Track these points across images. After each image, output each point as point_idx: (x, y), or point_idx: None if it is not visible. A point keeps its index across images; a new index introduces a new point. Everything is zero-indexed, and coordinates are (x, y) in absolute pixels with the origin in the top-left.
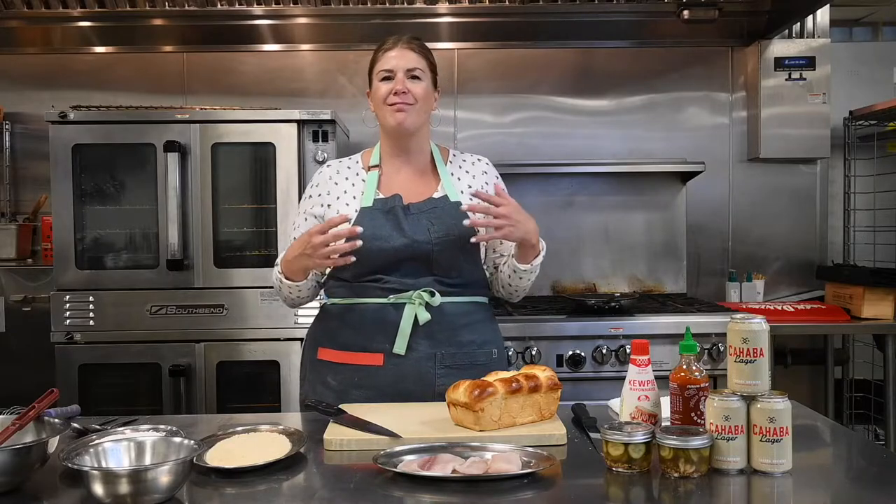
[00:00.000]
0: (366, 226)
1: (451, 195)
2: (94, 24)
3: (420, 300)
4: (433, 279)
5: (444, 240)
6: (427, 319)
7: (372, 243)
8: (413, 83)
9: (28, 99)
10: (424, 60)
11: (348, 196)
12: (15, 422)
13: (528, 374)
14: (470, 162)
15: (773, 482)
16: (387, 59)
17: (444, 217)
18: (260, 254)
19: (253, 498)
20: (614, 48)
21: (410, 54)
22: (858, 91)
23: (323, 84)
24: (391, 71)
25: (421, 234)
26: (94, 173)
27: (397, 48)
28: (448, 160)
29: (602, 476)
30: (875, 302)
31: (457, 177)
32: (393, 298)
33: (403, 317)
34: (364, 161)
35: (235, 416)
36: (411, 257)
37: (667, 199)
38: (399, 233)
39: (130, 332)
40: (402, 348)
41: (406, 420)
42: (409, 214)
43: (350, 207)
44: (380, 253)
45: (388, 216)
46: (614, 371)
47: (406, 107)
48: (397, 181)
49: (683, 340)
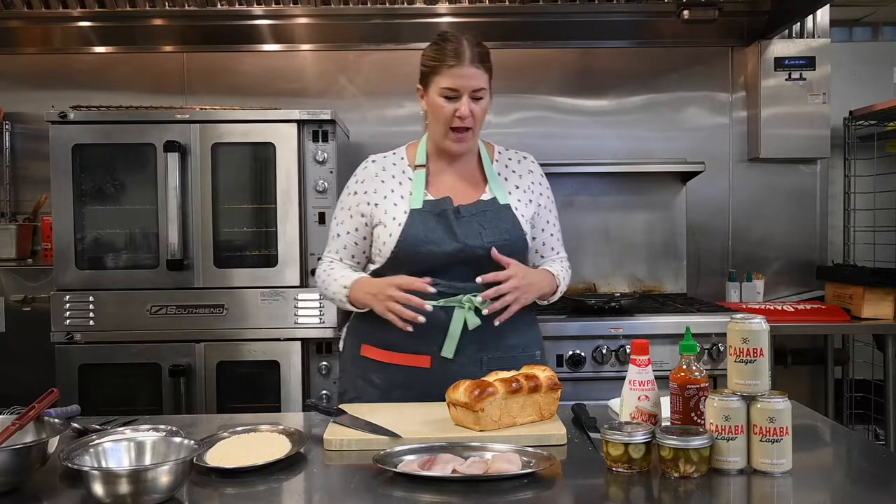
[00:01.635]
0: (416, 228)
1: (500, 198)
2: (94, 24)
3: (470, 304)
4: (483, 285)
5: (496, 244)
6: (477, 324)
7: (424, 247)
8: (476, 103)
9: (28, 99)
10: (487, 74)
11: (396, 196)
12: (15, 422)
13: (528, 374)
14: (516, 160)
15: (773, 482)
16: (451, 77)
17: (494, 221)
18: (260, 254)
19: (253, 498)
20: (614, 48)
21: (477, 73)
22: (858, 91)
23: (323, 84)
24: (456, 91)
25: (473, 238)
26: (94, 173)
27: (465, 66)
28: (494, 158)
29: (602, 476)
30: (875, 302)
31: (503, 177)
32: (443, 302)
33: (453, 321)
34: (410, 158)
35: (235, 416)
36: (462, 261)
37: (667, 199)
38: (451, 237)
39: (130, 332)
40: (451, 352)
41: (406, 420)
42: (461, 218)
43: (398, 208)
44: (431, 257)
45: (440, 219)
46: (614, 371)
47: (466, 135)
48: (445, 181)
49: (683, 340)
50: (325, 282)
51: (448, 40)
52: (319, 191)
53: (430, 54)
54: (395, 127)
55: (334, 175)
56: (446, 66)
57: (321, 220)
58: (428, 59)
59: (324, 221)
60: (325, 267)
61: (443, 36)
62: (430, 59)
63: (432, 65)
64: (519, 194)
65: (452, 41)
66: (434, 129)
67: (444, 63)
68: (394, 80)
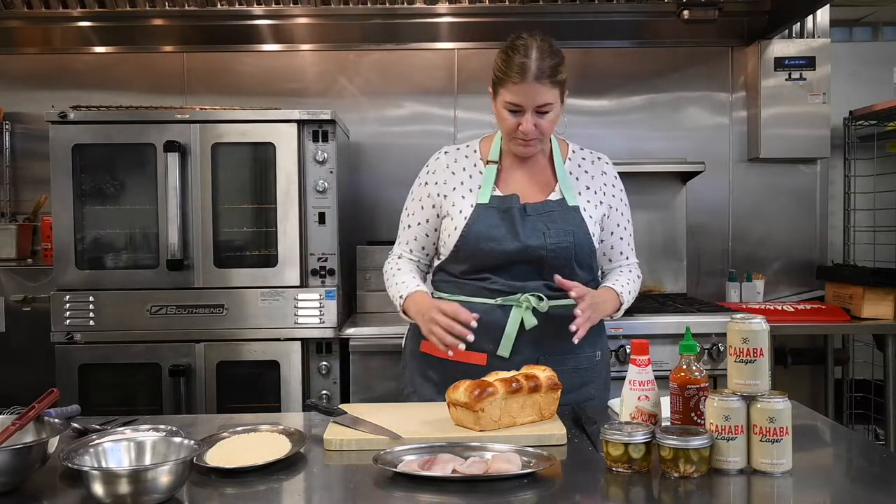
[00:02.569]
0: (480, 224)
1: (569, 198)
2: (94, 24)
3: (528, 304)
4: (542, 283)
5: (558, 246)
6: (533, 325)
7: (485, 244)
8: (541, 117)
9: (28, 99)
10: (556, 89)
11: (465, 188)
12: (15, 422)
13: (528, 374)
14: (589, 161)
15: (773, 482)
16: (514, 93)
17: (560, 222)
18: (260, 254)
19: (253, 498)
20: (614, 48)
21: (542, 89)
22: (858, 91)
23: (323, 84)
24: (519, 106)
25: (535, 238)
26: (94, 173)
27: (527, 83)
28: (567, 157)
29: (602, 476)
30: (875, 302)
31: (575, 176)
32: (500, 300)
33: (510, 320)
34: (483, 151)
35: (235, 416)
36: (523, 261)
37: (667, 199)
38: (513, 235)
39: (130, 332)
40: (507, 351)
41: (406, 420)
42: (526, 216)
43: (466, 202)
44: (491, 253)
45: (504, 216)
46: (614, 371)
47: (532, 142)
48: (515, 178)
49: (683, 340)
50: (388, 281)
51: (517, 50)
52: (319, 191)
53: (498, 63)
54: (396, 127)
55: (334, 175)
56: (511, 82)
57: (321, 220)
58: (496, 68)
59: (324, 221)
60: (392, 263)
61: (513, 44)
62: (498, 69)
63: (499, 76)
64: (589, 195)
65: (520, 52)
66: (501, 129)
67: (509, 79)
68: (394, 80)
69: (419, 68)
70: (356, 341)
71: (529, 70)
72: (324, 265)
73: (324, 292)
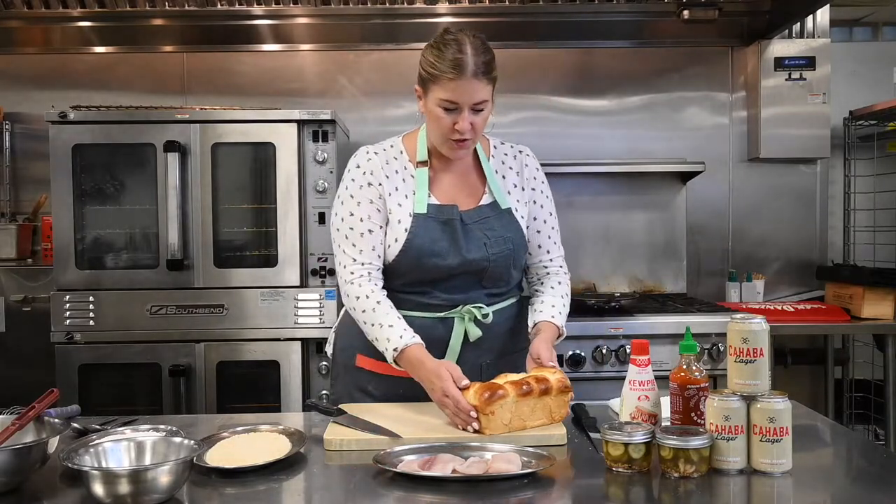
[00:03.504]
0: (421, 237)
1: (501, 202)
2: (94, 24)
3: (469, 315)
4: (483, 292)
5: (499, 256)
6: (477, 336)
7: (427, 259)
8: (476, 115)
9: (28, 99)
10: (490, 85)
11: (399, 194)
12: (15, 422)
13: (538, 377)
14: (511, 156)
15: (773, 482)
16: (451, 90)
17: (498, 228)
18: (260, 254)
19: (253, 498)
20: (614, 48)
21: (479, 86)
22: (858, 91)
23: (323, 84)
24: (455, 104)
25: (477, 250)
26: (94, 173)
27: (464, 79)
28: (490, 154)
29: (602, 476)
30: (875, 302)
31: (501, 174)
32: (442, 314)
33: (453, 334)
34: (409, 152)
35: (235, 416)
36: (465, 272)
37: (667, 199)
38: (456, 249)
39: (130, 332)
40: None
41: (406, 420)
42: (466, 226)
43: (403, 210)
44: (433, 269)
45: (445, 228)
46: (614, 371)
47: (465, 144)
48: (448, 182)
49: (683, 340)
50: (366, 315)
51: (448, 45)
52: (319, 191)
53: (429, 59)
54: (395, 127)
55: (334, 175)
56: (446, 79)
57: (321, 220)
58: (427, 64)
59: (324, 221)
60: (367, 289)
61: (444, 39)
62: (430, 65)
63: (431, 72)
64: (517, 193)
65: (453, 47)
66: (432, 134)
67: (444, 75)
68: (393, 80)
69: (418, 69)
70: None
71: (466, 66)
72: (324, 265)
73: (324, 292)
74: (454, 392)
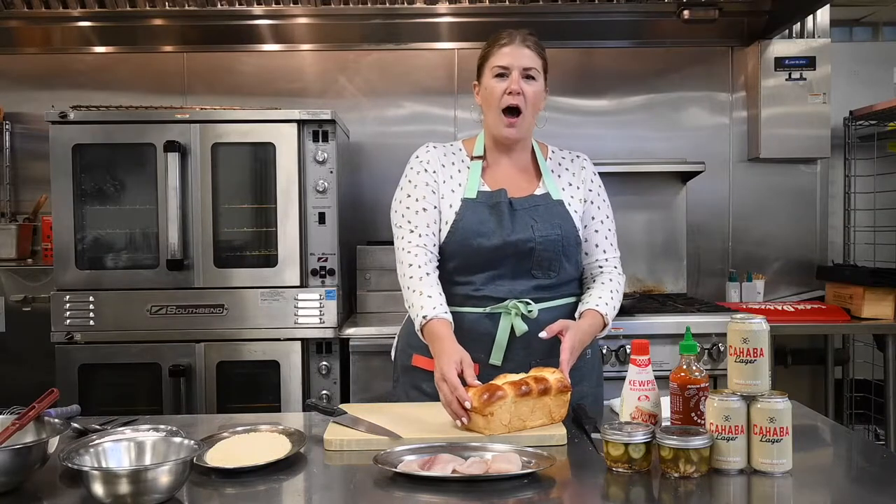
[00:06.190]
0: (468, 219)
1: (554, 193)
2: (94, 24)
3: (516, 310)
4: (531, 284)
5: (547, 239)
6: (524, 330)
7: (474, 239)
8: (527, 83)
9: (28, 99)
10: (540, 60)
11: (454, 182)
12: (15, 422)
13: (537, 377)
14: (569, 159)
15: (773, 482)
16: (502, 55)
17: (546, 215)
18: (260, 254)
19: (253, 498)
20: (614, 48)
21: (527, 52)
22: (858, 91)
23: (323, 84)
24: (506, 68)
25: (524, 231)
26: (94, 173)
27: (514, 45)
28: (548, 157)
29: (602, 476)
30: (875, 302)
31: (557, 174)
32: (489, 309)
33: (500, 329)
34: (467, 149)
35: (235, 416)
36: (512, 255)
37: (667, 199)
38: (501, 230)
39: (130, 332)
40: (499, 360)
41: (406, 420)
42: (514, 211)
43: (455, 195)
44: (480, 249)
45: (493, 211)
46: (614, 371)
47: (518, 119)
48: (501, 172)
49: (683, 340)
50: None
51: (502, 33)
52: (319, 191)
53: (484, 46)
54: (395, 127)
55: (334, 175)
56: (497, 46)
57: (321, 220)
58: (482, 51)
59: (324, 221)
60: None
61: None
62: (484, 49)
63: (485, 52)
64: (572, 191)
65: (506, 29)
66: (488, 119)
67: (495, 45)
68: (394, 80)
69: (419, 68)
70: (356, 341)
71: (516, 36)
72: (324, 265)
73: (324, 292)
74: (452, 377)
